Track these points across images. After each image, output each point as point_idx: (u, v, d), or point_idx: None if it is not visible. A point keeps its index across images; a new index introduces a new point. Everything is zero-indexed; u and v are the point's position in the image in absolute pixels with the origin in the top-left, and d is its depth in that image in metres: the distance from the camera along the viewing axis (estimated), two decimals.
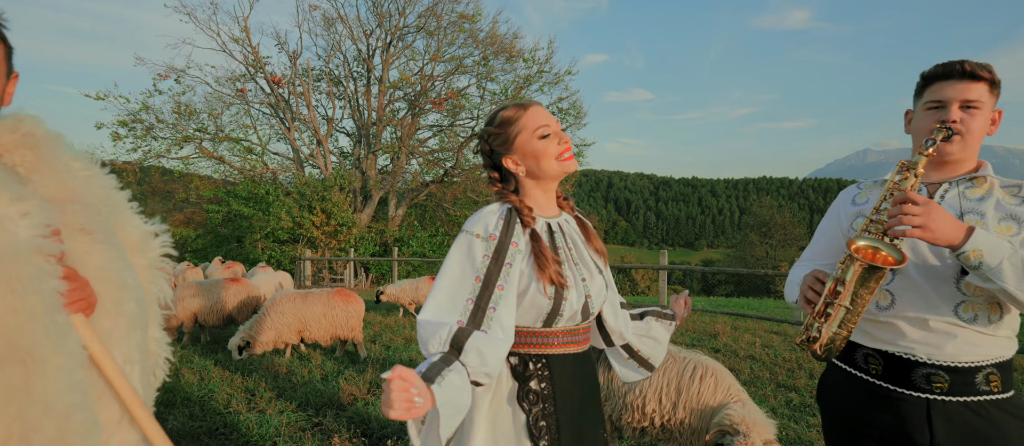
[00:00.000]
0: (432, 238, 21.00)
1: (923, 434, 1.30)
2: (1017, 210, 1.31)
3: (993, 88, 1.35)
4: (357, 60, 23.35)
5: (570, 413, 1.32)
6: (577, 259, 1.37)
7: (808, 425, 3.69)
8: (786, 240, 43.02)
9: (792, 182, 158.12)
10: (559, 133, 1.36)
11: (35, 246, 1.00)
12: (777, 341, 6.67)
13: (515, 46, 21.91)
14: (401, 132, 22.72)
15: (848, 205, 1.53)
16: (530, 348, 1.33)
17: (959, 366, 1.28)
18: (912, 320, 1.33)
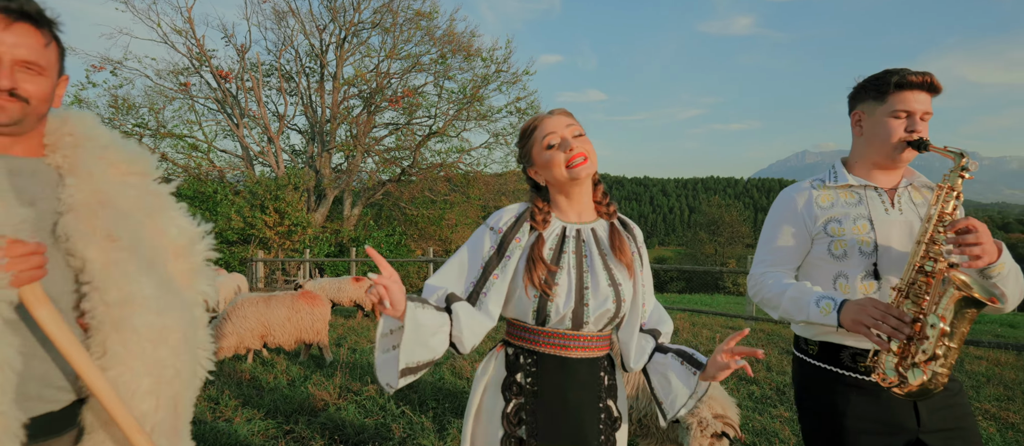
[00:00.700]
0: (388, 238, 20.66)
1: (911, 419, 1.40)
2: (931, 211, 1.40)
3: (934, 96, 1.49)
4: (310, 55, 22.71)
5: (555, 412, 1.36)
6: (587, 268, 1.37)
7: (771, 416, 3.85)
8: (733, 238, 44.69)
9: (738, 182, 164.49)
10: (568, 140, 1.35)
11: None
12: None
13: (472, 45, 21.84)
14: (356, 130, 22.25)
15: (811, 207, 1.55)
16: (524, 343, 1.40)
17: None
18: None
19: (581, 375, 1.37)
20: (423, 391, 4.03)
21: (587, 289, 1.35)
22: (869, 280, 1.45)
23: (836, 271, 1.50)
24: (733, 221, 45.59)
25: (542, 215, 1.39)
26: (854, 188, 1.53)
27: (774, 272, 1.59)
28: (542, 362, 1.37)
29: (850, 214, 1.50)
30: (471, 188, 22.71)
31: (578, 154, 1.33)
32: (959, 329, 1.25)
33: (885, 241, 1.45)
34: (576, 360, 1.37)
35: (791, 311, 1.49)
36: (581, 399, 1.37)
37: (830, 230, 1.51)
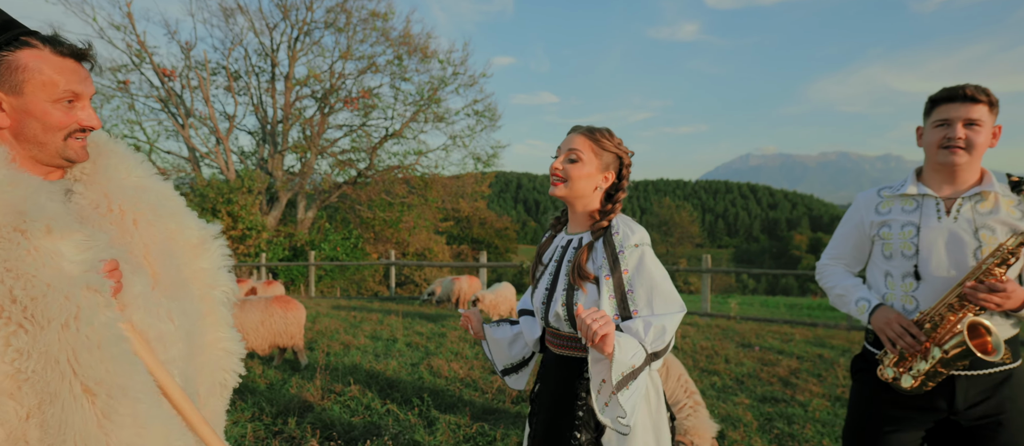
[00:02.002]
0: (345, 240, 20.31)
1: (944, 400, 1.59)
2: (1019, 223, 1.55)
3: (992, 108, 1.59)
4: (260, 54, 22.05)
5: (542, 399, 1.61)
6: (561, 274, 1.54)
7: (734, 403, 4.14)
8: (683, 238, 46.24)
9: (686, 183, 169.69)
10: (556, 162, 1.53)
11: (85, 282, 0.98)
12: (692, 331, 7.28)
13: (429, 46, 21.78)
14: (310, 131, 21.78)
15: (871, 213, 1.76)
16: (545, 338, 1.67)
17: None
18: None
19: (560, 371, 1.55)
20: (406, 390, 4.10)
21: (555, 293, 1.53)
22: (910, 279, 1.65)
23: (885, 269, 1.72)
24: (683, 222, 47.18)
25: (556, 227, 1.69)
26: (913, 196, 1.70)
27: (834, 266, 1.87)
28: (545, 356, 1.64)
29: (900, 220, 1.69)
30: (429, 190, 22.63)
31: (555, 172, 1.53)
32: (955, 363, 1.51)
33: (928, 247, 1.62)
34: (559, 356, 1.56)
35: (837, 304, 1.82)
36: (558, 392, 1.53)
37: (882, 234, 1.72)
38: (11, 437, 0.91)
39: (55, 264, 0.95)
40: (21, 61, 1.02)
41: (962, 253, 1.59)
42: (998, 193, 1.60)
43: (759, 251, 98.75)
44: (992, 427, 1.57)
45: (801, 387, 4.57)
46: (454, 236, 30.12)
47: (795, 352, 5.95)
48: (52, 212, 0.97)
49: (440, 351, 5.51)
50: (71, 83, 1.07)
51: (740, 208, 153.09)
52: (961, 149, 1.58)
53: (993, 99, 1.59)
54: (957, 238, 1.59)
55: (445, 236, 27.19)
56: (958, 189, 1.64)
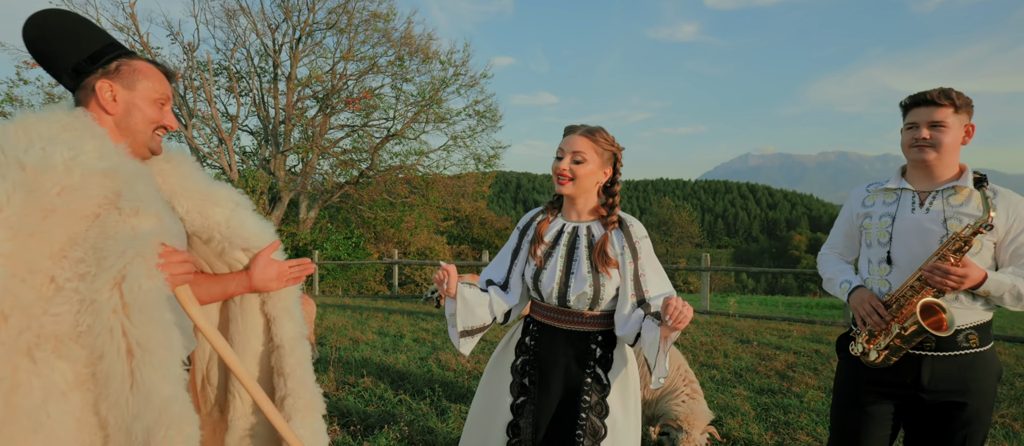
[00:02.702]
0: (346, 240, 20.46)
1: (912, 377, 1.74)
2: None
3: (958, 110, 1.72)
4: (262, 55, 22.17)
5: (547, 371, 1.72)
6: (574, 259, 1.71)
7: (732, 394, 4.29)
8: (682, 238, 46.37)
9: (685, 183, 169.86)
10: (563, 162, 1.70)
11: (136, 250, 1.11)
12: (692, 328, 7.44)
13: (430, 47, 21.90)
14: (312, 132, 21.91)
15: (858, 206, 1.96)
16: (533, 313, 1.81)
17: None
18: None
19: (571, 344, 1.72)
20: (417, 381, 4.25)
21: (572, 274, 1.69)
22: (884, 265, 1.82)
23: (867, 256, 1.91)
24: (683, 222, 47.29)
25: (553, 212, 1.82)
26: (894, 190, 1.87)
27: (830, 254, 2.07)
28: (543, 330, 1.77)
29: (880, 211, 1.86)
30: (430, 190, 22.76)
31: (563, 174, 1.69)
32: (912, 339, 1.68)
33: (899, 235, 1.79)
34: (565, 331, 1.73)
35: (828, 287, 2.01)
36: (569, 362, 1.71)
37: (865, 225, 1.91)
38: (78, 378, 1.06)
39: (131, 235, 1.11)
40: (137, 65, 1.31)
41: (929, 241, 1.73)
42: (970, 188, 1.74)
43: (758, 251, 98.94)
44: (953, 406, 1.71)
45: (797, 380, 4.72)
46: (454, 236, 30.27)
47: (792, 347, 6.11)
48: (142, 196, 1.16)
49: (446, 346, 5.66)
50: (166, 89, 1.34)
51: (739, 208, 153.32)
52: (928, 148, 1.74)
53: (958, 102, 1.72)
54: (926, 228, 1.75)
55: (446, 236, 27.33)
56: (934, 184, 1.79)
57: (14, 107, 18.38)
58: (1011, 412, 3.97)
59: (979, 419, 1.71)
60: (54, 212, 1.05)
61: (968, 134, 1.77)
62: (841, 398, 1.92)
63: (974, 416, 1.70)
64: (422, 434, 3.23)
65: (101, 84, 1.24)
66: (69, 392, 1.05)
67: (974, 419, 1.70)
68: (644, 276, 1.68)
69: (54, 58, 1.25)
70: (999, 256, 1.73)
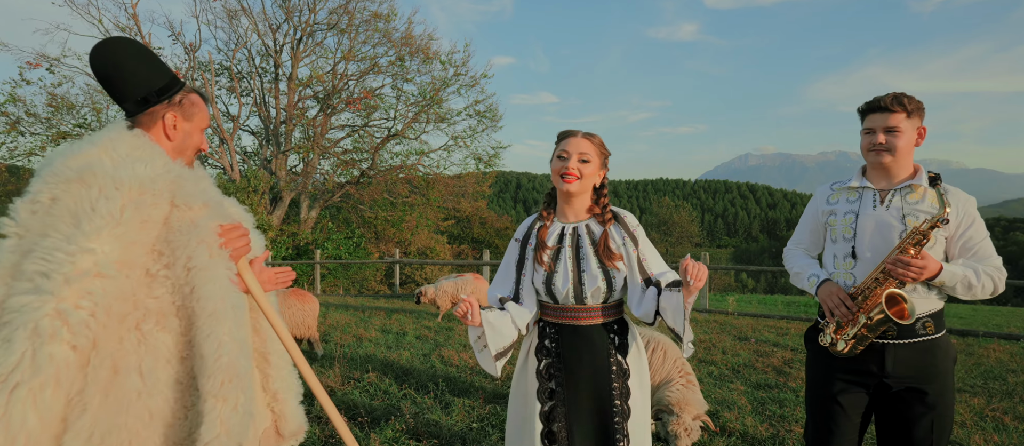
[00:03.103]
0: (347, 240, 20.55)
1: (877, 365, 1.85)
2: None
3: (910, 115, 1.84)
4: (263, 56, 22.25)
5: (574, 368, 1.79)
6: (581, 256, 1.80)
7: (729, 389, 4.38)
8: (682, 237, 46.42)
9: (685, 183, 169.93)
10: (570, 162, 1.78)
11: (198, 236, 1.31)
12: (692, 326, 7.52)
13: (430, 47, 21.97)
14: (313, 131, 21.99)
15: (823, 203, 2.06)
16: (548, 317, 1.86)
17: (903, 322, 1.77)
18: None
19: (591, 338, 1.80)
20: (421, 376, 4.34)
21: (583, 272, 1.78)
22: (849, 259, 1.92)
23: (833, 251, 2.00)
24: (683, 221, 47.33)
25: (548, 218, 1.88)
26: (856, 189, 1.97)
27: (796, 250, 2.16)
28: (561, 330, 1.83)
29: (844, 209, 1.97)
30: (431, 190, 22.84)
31: (571, 173, 1.77)
32: (878, 328, 1.79)
33: (862, 231, 1.90)
34: (586, 326, 1.80)
35: (795, 281, 2.08)
36: (593, 355, 1.79)
37: (829, 221, 2.01)
38: (177, 345, 1.27)
39: (191, 226, 1.31)
40: (194, 99, 1.50)
41: (890, 236, 1.85)
42: (925, 186, 1.86)
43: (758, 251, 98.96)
44: (917, 392, 1.82)
45: (793, 375, 4.81)
46: (454, 236, 30.34)
47: (789, 344, 6.19)
48: (191, 192, 1.35)
49: (449, 343, 5.75)
50: (208, 119, 1.54)
51: (739, 208, 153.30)
52: (885, 152, 1.86)
53: (910, 107, 1.84)
54: (886, 223, 1.86)
55: (446, 236, 27.40)
56: (892, 183, 1.91)
57: (17, 107, 18.47)
58: (1002, 406, 4.05)
59: (942, 402, 1.82)
60: (149, 221, 1.26)
61: (920, 136, 1.89)
62: (815, 388, 2.00)
63: (937, 400, 1.81)
64: (427, 426, 3.32)
65: (169, 115, 1.43)
66: (172, 360, 1.27)
67: (938, 402, 1.81)
68: (646, 260, 1.81)
69: (123, 85, 1.40)
70: (950, 250, 1.86)
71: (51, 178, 1.23)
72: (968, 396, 4.32)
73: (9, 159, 19.06)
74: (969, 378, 4.92)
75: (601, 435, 1.74)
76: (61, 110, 19.16)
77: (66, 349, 1.11)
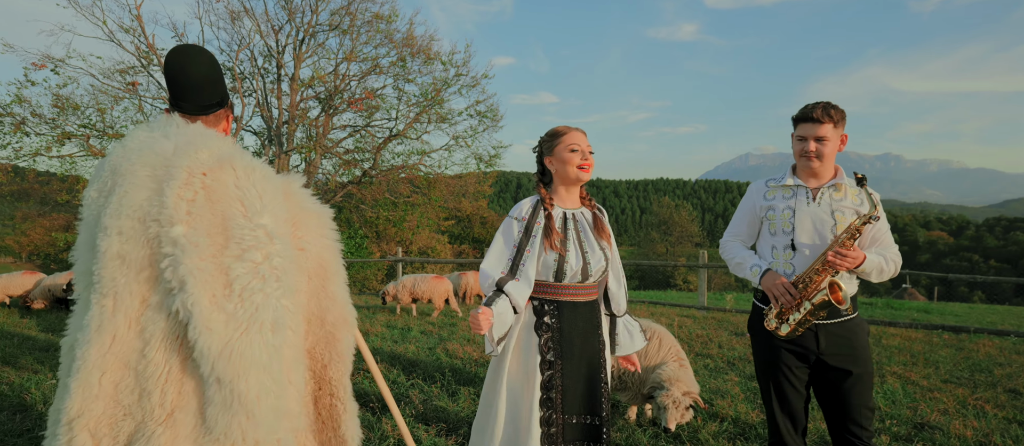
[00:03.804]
0: (349, 240, 20.71)
1: (814, 344, 2.09)
2: (859, 208, 2.08)
3: (836, 125, 2.09)
4: (265, 56, 22.41)
5: (572, 339, 1.96)
6: (583, 238, 1.98)
7: (724, 380, 4.55)
8: (682, 237, 46.50)
9: (686, 183, 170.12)
10: (585, 153, 1.96)
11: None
12: (689, 322, 7.70)
13: (432, 48, 22.13)
14: (315, 132, 22.15)
15: (760, 199, 2.25)
16: (547, 295, 1.99)
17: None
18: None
19: (587, 312, 1.99)
20: (428, 368, 4.51)
21: (587, 252, 1.96)
22: (788, 250, 2.14)
23: (771, 243, 2.20)
24: (683, 221, 47.41)
25: (551, 203, 2.02)
26: (791, 187, 2.19)
27: (734, 241, 2.35)
28: (561, 307, 1.98)
29: (782, 205, 2.18)
30: (432, 190, 23.00)
31: (588, 164, 1.97)
32: (818, 312, 2.01)
33: (801, 225, 2.12)
34: (583, 303, 1.99)
35: (736, 270, 2.27)
36: (588, 328, 1.99)
37: (768, 216, 2.21)
38: (297, 304, 1.45)
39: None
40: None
41: (824, 229, 2.09)
42: (847, 185, 2.12)
43: None
44: (845, 364, 2.08)
45: None
46: (455, 236, 30.49)
47: None
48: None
49: (453, 337, 5.92)
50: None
51: None
52: (815, 158, 2.10)
53: (836, 117, 2.09)
54: (820, 218, 2.11)
55: (447, 236, 27.56)
56: (821, 182, 2.15)
57: (23, 108, 18.64)
58: (985, 395, 4.23)
59: (866, 372, 2.09)
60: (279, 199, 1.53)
61: (843, 142, 2.15)
62: (766, 368, 2.21)
63: (864, 370, 2.08)
64: (435, 412, 3.49)
65: (229, 117, 1.70)
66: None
67: (864, 373, 2.08)
68: (619, 264, 2.11)
69: (202, 91, 1.59)
70: (864, 241, 2.13)
71: (187, 173, 1.39)
72: (953, 386, 4.50)
73: (14, 159, 19.23)
74: (957, 371, 5.09)
75: (589, 397, 1.95)
76: (66, 111, 19.34)
77: (287, 302, 1.37)
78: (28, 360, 4.90)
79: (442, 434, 3.19)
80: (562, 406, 1.91)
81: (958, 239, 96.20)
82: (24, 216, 24.52)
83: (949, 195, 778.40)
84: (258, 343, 1.32)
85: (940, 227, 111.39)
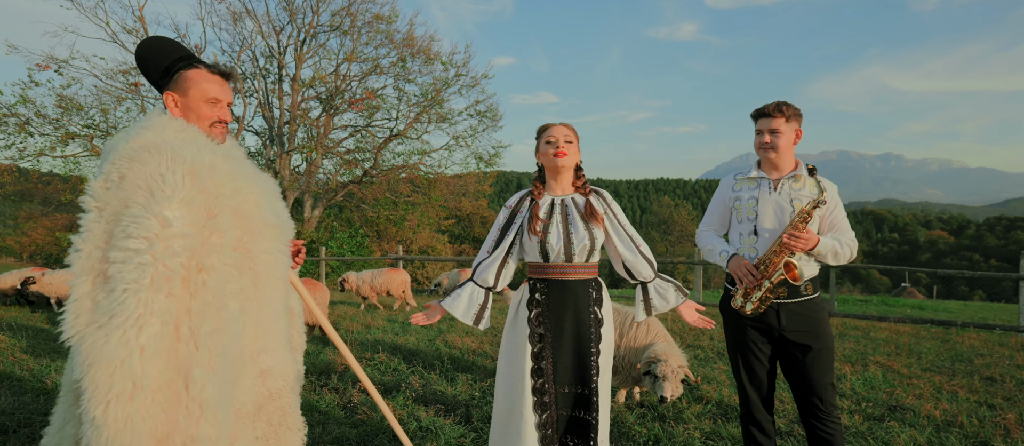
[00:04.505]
0: (350, 239, 20.90)
1: (776, 321, 2.28)
2: (816, 196, 2.24)
3: (789, 119, 2.29)
4: (267, 57, 22.60)
5: (561, 315, 2.13)
6: (569, 222, 2.15)
7: (713, 368, 4.74)
8: (682, 236, 46.67)
9: (686, 183, 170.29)
10: (560, 142, 2.15)
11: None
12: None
13: (431, 48, 22.30)
14: (316, 132, 22.34)
15: (729, 191, 2.47)
16: (537, 275, 2.19)
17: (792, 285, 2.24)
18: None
19: (576, 291, 2.15)
20: (428, 356, 4.70)
21: (571, 234, 2.13)
22: (752, 236, 2.34)
23: (739, 230, 2.41)
24: (682, 220, 47.58)
25: (538, 192, 2.22)
26: (755, 179, 2.39)
27: (707, 230, 2.56)
28: (550, 285, 2.16)
29: (747, 195, 2.38)
30: (433, 189, 23.17)
31: (562, 152, 2.15)
32: (777, 290, 2.22)
33: (763, 213, 2.32)
34: (572, 281, 2.15)
35: (709, 257, 2.48)
36: (577, 306, 2.14)
37: (735, 206, 2.42)
38: (205, 303, 1.45)
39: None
40: (188, 75, 1.63)
41: (783, 216, 2.28)
42: (805, 176, 2.32)
43: None
44: (805, 339, 2.27)
45: None
46: (455, 235, 30.68)
47: None
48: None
49: (452, 330, 6.11)
50: (215, 91, 1.66)
51: None
52: (770, 149, 2.30)
53: (788, 113, 2.29)
54: (780, 206, 2.30)
55: (447, 235, 27.74)
56: (781, 173, 2.35)
57: (27, 108, 18.85)
58: (961, 382, 4.41)
59: (826, 347, 2.27)
60: (204, 189, 1.57)
61: (798, 136, 2.35)
62: (734, 344, 2.42)
63: (823, 345, 2.27)
64: (434, 396, 3.68)
65: (166, 96, 1.63)
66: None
67: (823, 347, 2.27)
68: (625, 226, 2.22)
69: (148, 76, 1.67)
70: (821, 227, 2.33)
71: (118, 158, 1.41)
72: (933, 374, 4.68)
73: (19, 159, 19.43)
74: (938, 360, 5.27)
75: (579, 369, 2.11)
76: (69, 111, 19.53)
77: (163, 298, 1.36)
78: (45, 349, 5.10)
79: (440, 415, 3.37)
80: (553, 376, 2.09)
81: (959, 238, 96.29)
82: (28, 215, 24.69)
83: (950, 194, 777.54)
84: (116, 338, 1.27)
85: (941, 226, 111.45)
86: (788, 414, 3.56)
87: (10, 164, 19.11)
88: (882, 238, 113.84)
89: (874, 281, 54.59)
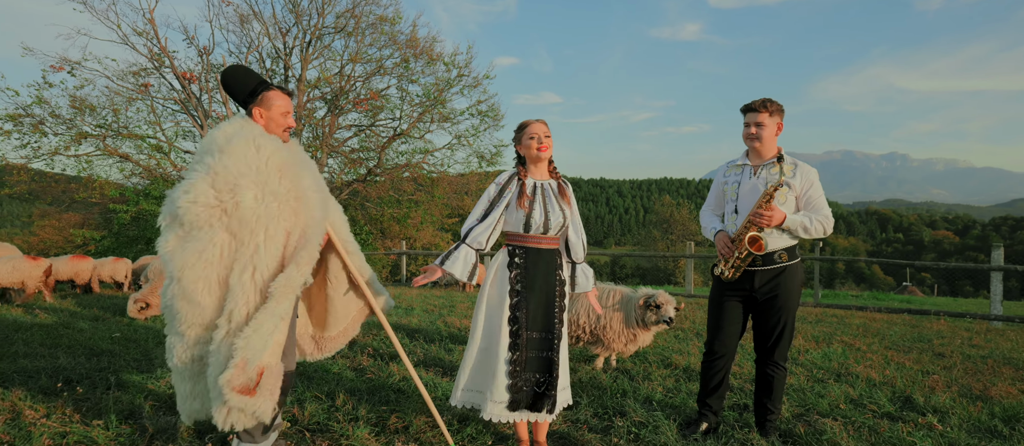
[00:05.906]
0: (355, 236, 21.35)
1: (750, 283, 2.72)
2: (791, 180, 2.67)
3: (771, 114, 2.71)
4: (273, 58, 23.10)
5: (535, 277, 2.60)
6: (547, 201, 2.63)
7: (687, 344, 5.18)
8: (684, 235, 46.97)
9: (689, 182, 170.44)
10: (541, 137, 2.61)
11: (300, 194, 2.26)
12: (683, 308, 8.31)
13: (434, 49, 22.74)
14: (321, 131, 22.82)
15: (722, 176, 2.93)
16: (517, 243, 2.65)
17: (766, 253, 2.68)
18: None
19: (548, 257, 2.63)
20: (429, 333, 5.17)
21: (549, 211, 2.60)
22: (734, 214, 2.80)
23: (726, 209, 2.87)
24: (683, 219, 47.84)
25: (524, 175, 2.66)
26: (742, 166, 2.84)
27: (707, 211, 3.02)
28: (528, 252, 2.63)
29: (733, 180, 2.84)
30: (435, 188, 23.62)
31: (544, 146, 2.62)
32: (746, 259, 2.67)
33: (742, 195, 2.77)
34: (546, 249, 2.63)
35: (705, 235, 2.93)
36: (548, 270, 2.62)
37: (724, 189, 2.89)
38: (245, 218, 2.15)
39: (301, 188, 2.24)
40: (270, 95, 2.35)
41: (757, 197, 2.70)
42: (782, 163, 2.72)
43: None
44: (772, 299, 2.71)
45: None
46: (458, 234, 31.02)
47: None
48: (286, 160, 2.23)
49: (453, 313, 6.58)
50: (286, 106, 2.37)
51: None
52: (755, 140, 2.73)
53: (771, 108, 2.71)
54: (756, 189, 2.75)
55: (450, 233, 28.19)
56: (762, 161, 2.79)
57: (42, 109, 19.42)
58: (912, 356, 4.84)
59: (787, 308, 2.71)
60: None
61: (780, 128, 2.76)
62: (713, 301, 2.90)
63: (784, 305, 2.70)
64: (434, 360, 4.15)
65: (254, 110, 2.32)
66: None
67: (784, 307, 2.70)
68: (579, 222, 2.72)
69: (233, 94, 2.31)
70: (798, 205, 2.74)
71: (218, 135, 2.16)
72: (891, 352, 5.11)
73: (33, 158, 19.99)
74: (901, 342, 5.70)
75: (546, 319, 2.59)
76: (83, 111, 20.08)
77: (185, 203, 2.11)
78: (85, 324, 5.60)
79: (438, 375, 3.84)
80: (526, 323, 2.56)
81: (964, 238, 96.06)
82: (42, 214, 25.25)
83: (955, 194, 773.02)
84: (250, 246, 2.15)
85: (946, 227, 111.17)
86: (744, 384, 4.00)
87: (23, 163, 19.65)
88: (887, 238, 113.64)
89: (878, 280, 54.75)
